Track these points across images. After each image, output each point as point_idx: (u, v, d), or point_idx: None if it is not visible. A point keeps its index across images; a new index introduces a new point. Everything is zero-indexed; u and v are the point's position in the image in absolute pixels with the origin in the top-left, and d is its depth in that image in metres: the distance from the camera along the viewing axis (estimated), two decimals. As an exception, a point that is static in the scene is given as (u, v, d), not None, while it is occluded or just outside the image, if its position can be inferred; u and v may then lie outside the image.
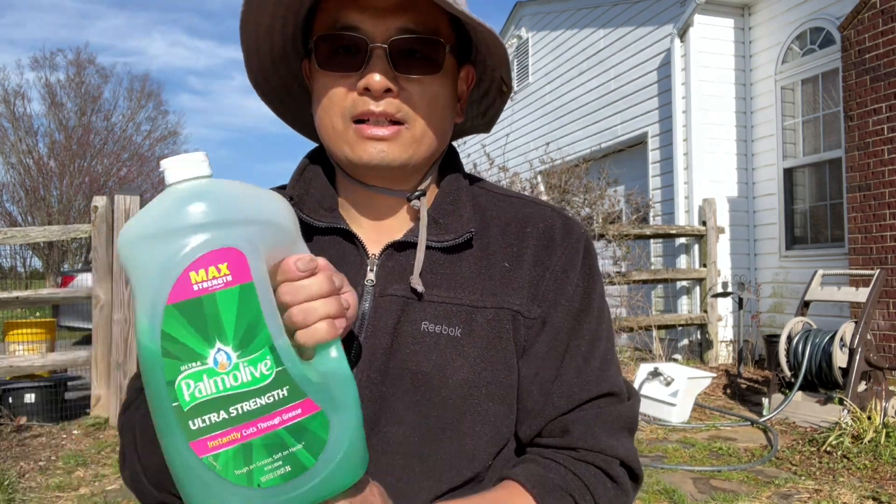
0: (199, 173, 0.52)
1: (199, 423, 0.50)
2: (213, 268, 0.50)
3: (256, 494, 0.52)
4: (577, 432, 0.76)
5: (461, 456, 0.75)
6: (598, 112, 8.32)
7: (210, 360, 0.50)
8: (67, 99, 22.41)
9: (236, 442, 0.51)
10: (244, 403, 0.51)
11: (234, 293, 0.50)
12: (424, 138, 0.75)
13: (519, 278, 0.79)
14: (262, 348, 0.51)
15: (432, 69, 0.74)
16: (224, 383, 0.50)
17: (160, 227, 0.50)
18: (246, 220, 0.52)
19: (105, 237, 4.54)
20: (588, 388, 0.78)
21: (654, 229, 6.63)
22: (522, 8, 10.28)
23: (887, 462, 3.44)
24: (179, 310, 0.49)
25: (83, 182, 21.71)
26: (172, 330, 0.49)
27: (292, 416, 0.52)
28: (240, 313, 0.50)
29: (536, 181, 7.55)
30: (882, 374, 4.13)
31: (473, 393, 0.75)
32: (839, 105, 5.82)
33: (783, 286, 6.48)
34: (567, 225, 0.83)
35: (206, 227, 0.50)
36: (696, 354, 6.88)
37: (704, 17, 6.75)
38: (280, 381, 0.52)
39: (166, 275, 0.49)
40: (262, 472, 0.51)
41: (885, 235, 5.11)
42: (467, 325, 0.76)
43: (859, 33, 5.27)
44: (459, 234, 0.78)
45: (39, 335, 6.08)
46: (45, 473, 3.63)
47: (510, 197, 0.87)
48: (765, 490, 3.18)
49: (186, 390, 0.49)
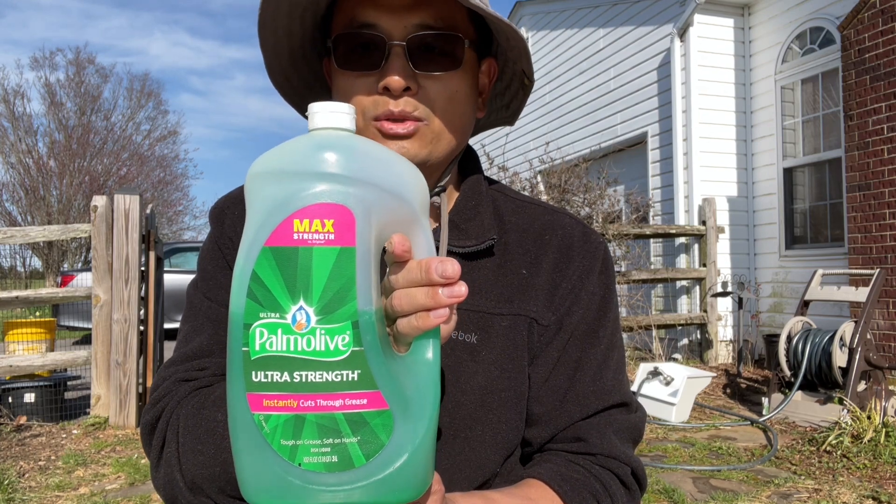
0: (341, 125, 0.51)
1: (260, 377, 0.47)
2: (318, 221, 0.47)
3: (295, 472, 0.48)
4: (593, 439, 0.76)
5: (472, 463, 0.75)
6: (597, 112, 8.32)
7: (289, 316, 0.47)
8: (67, 98, 22.42)
9: (290, 410, 0.47)
10: (310, 373, 0.47)
11: (332, 254, 0.47)
12: (444, 134, 0.75)
13: (536, 286, 0.79)
14: (344, 321, 0.47)
15: (452, 65, 0.73)
16: (296, 344, 0.47)
17: (282, 167, 0.49)
18: (369, 183, 0.49)
19: (105, 237, 4.54)
20: (603, 398, 0.78)
21: (654, 229, 6.63)
22: (522, 7, 10.28)
23: (887, 461, 3.44)
24: (274, 254, 0.47)
25: (83, 182, 21.71)
26: (263, 273, 0.47)
27: (355, 405, 0.48)
28: (332, 276, 0.47)
29: (536, 181, 7.55)
30: (882, 374, 4.13)
31: (487, 400, 0.75)
32: (839, 105, 5.82)
33: (783, 286, 6.48)
34: (585, 234, 0.83)
35: (325, 178, 0.48)
36: (695, 354, 6.88)
37: (704, 17, 6.75)
38: (354, 362, 0.48)
39: (272, 215, 0.48)
40: (307, 451, 0.48)
41: (885, 235, 5.11)
42: (484, 332, 0.76)
43: (859, 33, 5.27)
44: (481, 240, 0.78)
45: (39, 335, 6.08)
46: (45, 473, 3.63)
47: (530, 203, 0.86)
48: (764, 489, 3.19)
49: (259, 339, 0.47)
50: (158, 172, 25.24)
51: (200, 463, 0.67)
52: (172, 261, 10.21)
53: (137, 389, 4.52)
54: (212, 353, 0.76)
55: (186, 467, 0.68)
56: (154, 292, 4.79)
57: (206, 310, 0.79)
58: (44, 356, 4.68)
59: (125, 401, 4.49)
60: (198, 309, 0.80)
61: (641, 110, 7.53)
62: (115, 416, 4.47)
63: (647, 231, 6.52)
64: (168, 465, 0.69)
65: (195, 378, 0.74)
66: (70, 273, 11.13)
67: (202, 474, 0.67)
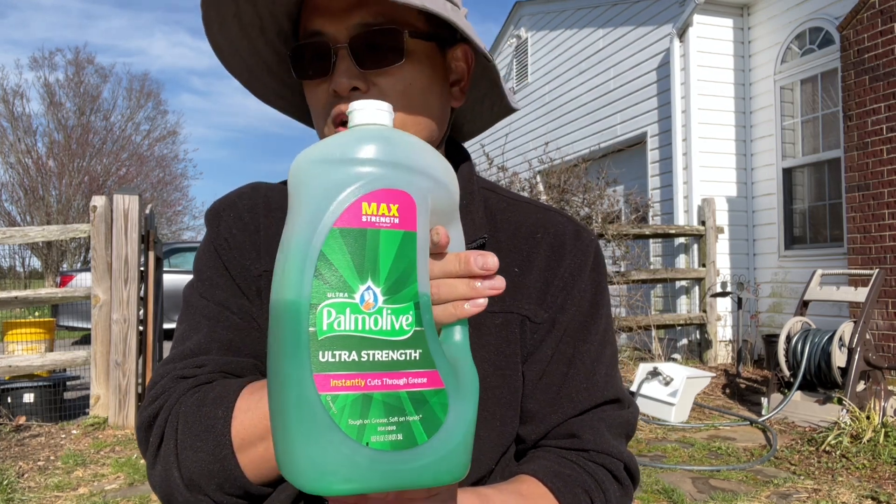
0: (383, 121, 0.53)
1: (328, 357, 0.48)
2: (384, 205, 0.49)
3: (363, 452, 0.49)
4: (586, 435, 0.77)
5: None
6: (597, 112, 8.32)
7: (357, 296, 0.48)
8: (66, 98, 22.41)
9: (359, 389, 0.48)
10: (377, 352, 0.48)
11: (398, 237, 0.49)
12: (406, 129, 0.73)
13: (528, 283, 0.79)
14: (408, 301, 0.50)
15: (394, 59, 0.72)
16: (365, 324, 0.48)
17: (344, 155, 0.50)
18: (423, 173, 0.52)
19: (104, 237, 4.54)
20: (596, 395, 0.79)
21: (654, 229, 6.63)
22: (522, 8, 10.28)
23: (886, 462, 3.44)
24: (343, 235, 0.48)
25: (82, 182, 21.70)
26: (331, 253, 0.48)
27: (418, 383, 0.50)
28: (397, 258, 0.49)
29: (535, 181, 7.55)
30: (881, 374, 4.14)
31: (482, 397, 0.74)
32: (838, 105, 5.83)
33: (782, 286, 6.48)
34: (577, 231, 0.83)
35: (386, 165, 0.50)
36: (695, 354, 6.88)
37: (704, 17, 6.76)
38: (416, 341, 0.50)
39: (340, 198, 0.49)
40: (374, 430, 0.48)
41: (884, 235, 5.11)
42: (477, 330, 0.76)
43: (858, 33, 5.27)
44: (471, 238, 0.77)
45: (38, 335, 6.08)
46: (44, 473, 3.63)
47: (521, 202, 0.86)
48: (764, 489, 3.19)
49: (326, 318, 0.48)
50: (158, 172, 25.25)
51: (199, 460, 0.66)
52: (172, 261, 10.21)
53: (137, 390, 4.52)
54: (209, 351, 0.76)
55: (185, 464, 0.67)
56: (153, 292, 4.79)
57: (202, 308, 0.79)
58: (43, 356, 4.67)
59: (124, 401, 4.48)
60: (194, 308, 0.80)
61: (641, 110, 7.53)
62: (115, 417, 4.47)
63: (646, 231, 6.52)
64: (165, 462, 0.69)
65: (193, 375, 0.74)
66: (69, 273, 11.12)
67: (201, 471, 0.66)
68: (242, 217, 0.84)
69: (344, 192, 0.49)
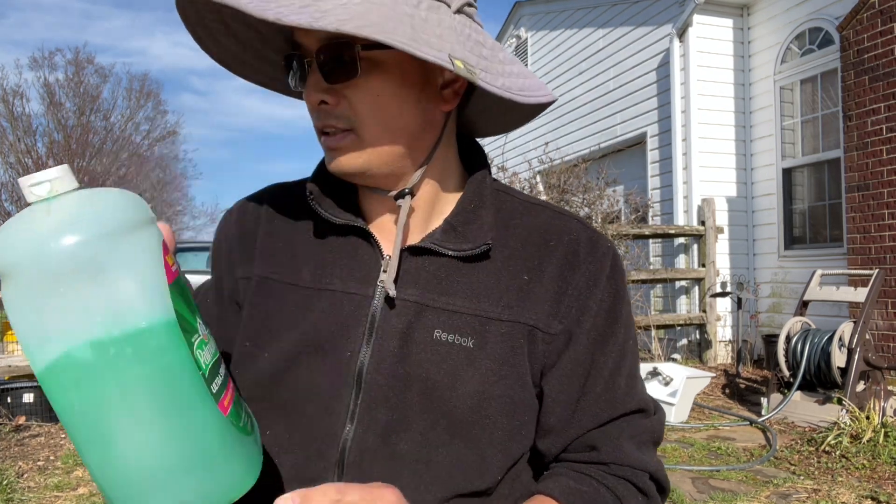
0: (77, 184, 0.53)
1: (214, 387, 0.56)
2: (169, 255, 0.55)
3: (254, 440, 0.61)
4: (605, 448, 0.76)
5: (469, 465, 0.74)
6: (597, 112, 8.32)
7: (201, 331, 0.57)
8: (66, 98, 22.37)
9: (233, 397, 0.59)
10: (221, 367, 0.59)
11: (182, 278, 0.57)
12: (380, 140, 0.72)
13: (538, 292, 0.77)
14: (207, 333, 0.59)
15: (351, 72, 0.70)
16: (211, 349, 0.58)
17: (123, 222, 0.51)
18: (152, 219, 0.56)
19: (104, 237, 4.54)
20: (615, 406, 0.78)
21: (653, 229, 6.63)
22: (521, 8, 10.28)
23: (885, 462, 3.44)
24: (174, 289, 0.54)
25: (82, 181, 21.64)
26: (178, 307, 0.54)
27: (233, 387, 0.61)
28: (187, 295, 0.57)
29: (535, 181, 7.55)
30: (880, 374, 4.14)
31: (483, 405, 0.74)
32: (838, 105, 5.83)
33: (782, 286, 6.48)
34: (592, 240, 0.80)
35: (148, 222, 0.54)
36: (694, 354, 6.88)
37: (703, 17, 6.75)
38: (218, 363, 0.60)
39: (155, 260, 0.53)
40: (248, 421, 0.61)
41: (884, 235, 5.11)
42: (480, 337, 0.75)
43: (858, 33, 5.27)
44: (477, 244, 0.76)
45: (38, 335, 6.08)
46: (44, 473, 3.63)
47: (536, 205, 0.84)
48: (763, 490, 3.19)
49: (201, 358, 0.55)
50: (157, 172, 25.24)
51: None
52: (171, 261, 10.19)
53: (136, 389, 4.52)
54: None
55: None
56: (153, 292, 4.79)
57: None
58: (43, 356, 4.67)
59: (124, 401, 4.49)
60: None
61: (641, 111, 7.53)
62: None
63: (646, 231, 6.52)
64: None
65: None
66: (69, 273, 11.10)
67: None
68: (245, 220, 0.87)
69: (154, 253, 0.53)
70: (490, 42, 0.75)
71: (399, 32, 0.64)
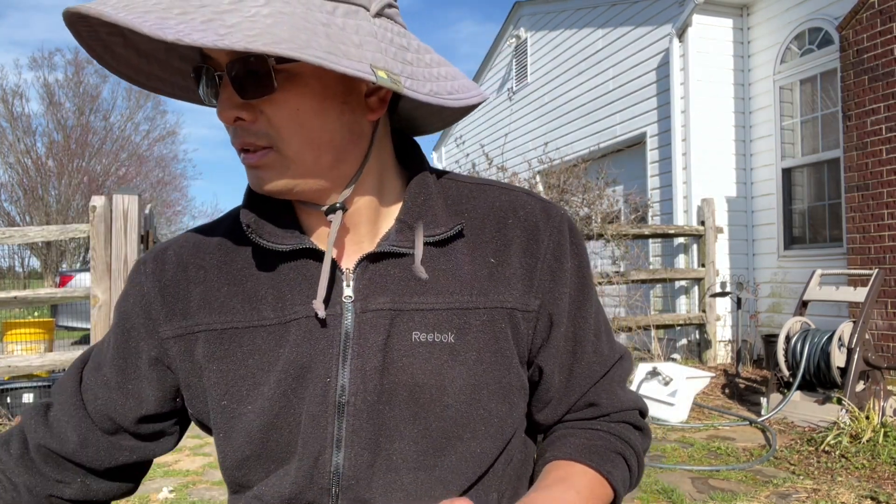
0: None
1: None
2: None
3: None
4: (603, 401, 0.80)
5: (468, 461, 0.74)
6: (596, 112, 8.32)
7: None
8: (66, 98, 22.38)
9: None
10: None
11: None
12: (303, 155, 0.68)
13: (508, 273, 0.76)
14: None
15: (267, 88, 0.65)
16: None
17: None
18: None
19: (103, 237, 4.53)
20: (605, 362, 0.82)
21: (653, 229, 6.63)
22: (521, 8, 10.28)
23: (885, 462, 3.44)
24: None
25: (81, 182, 21.68)
26: None
27: None
28: None
29: (535, 181, 7.55)
30: (880, 374, 4.14)
31: (475, 397, 0.73)
32: (837, 105, 5.83)
33: (781, 286, 6.48)
34: (546, 209, 0.81)
35: None
36: (694, 354, 6.88)
37: (703, 17, 6.75)
38: None
39: None
40: None
41: (884, 235, 5.11)
42: (460, 330, 0.74)
43: (857, 33, 5.27)
44: (439, 231, 0.75)
45: (38, 335, 6.08)
46: (44, 473, 3.62)
47: (483, 185, 0.82)
48: (763, 489, 3.19)
49: None
50: (157, 172, 25.25)
51: None
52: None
53: (136, 390, 4.51)
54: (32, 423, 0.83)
55: None
56: (153, 292, 4.78)
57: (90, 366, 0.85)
58: (42, 356, 4.67)
59: (124, 401, 4.48)
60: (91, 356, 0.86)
61: (640, 111, 7.53)
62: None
63: (645, 231, 6.52)
64: None
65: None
66: (68, 273, 11.11)
67: None
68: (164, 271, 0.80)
69: None
70: (415, 44, 0.72)
71: (314, 45, 0.59)
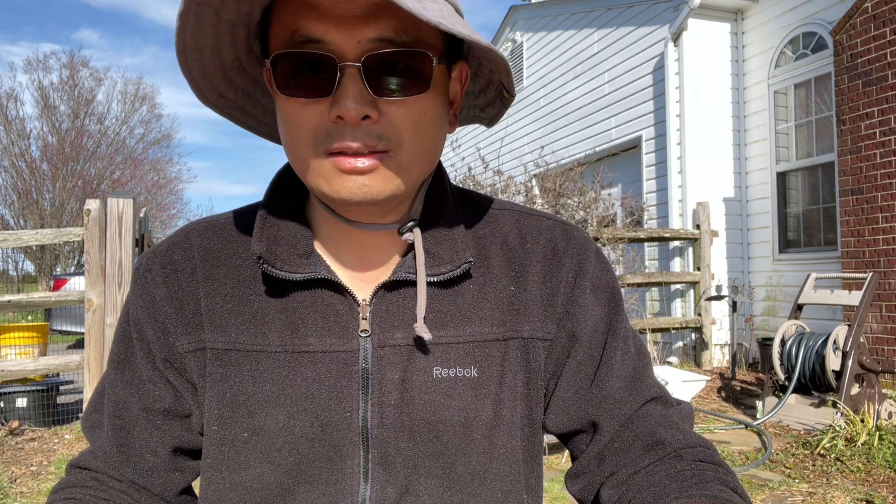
0: None
1: None
2: None
3: None
4: (670, 436, 0.71)
5: (492, 496, 0.71)
6: (592, 115, 8.34)
7: None
8: (60, 102, 22.32)
9: None
10: None
11: None
12: (413, 165, 0.64)
13: (528, 301, 0.73)
14: None
15: (419, 87, 0.61)
16: None
17: None
18: None
19: (98, 240, 4.52)
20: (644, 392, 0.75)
21: (649, 233, 6.64)
22: (517, 11, 10.31)
23: (880, 465, 3.45)
24: None
25: (76, 185, 21.61)
26: None
27: None
28: None
29: (531, 184, 7.56)
30: (875, 377, 4.15)
31: (495, 433, 0.71)
32: (832, 109, 5.85)
33: (776, 289, 6.50)
34: (566, 231, 0.77)
35: None
36: (690, 357, 6.89)
37: (698, 22, 6.78)
38: None
39: None
40: None
41: (878, 239, 5.13)
42: (483, 362, 0.70)
43: (851, 38, 5.30)
44: (457, 264, 0.70)
45: (31, 339, 6.04)
46: (37, 478, 3.60)
47: (502, 209, 0.78)
48: (759, 493, 3.19)
49: None
50: (152, 176, 25.16)
51: None
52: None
53: (130, 394, 4.49)
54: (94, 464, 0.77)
55: None
56: (147, 296, 4.76)
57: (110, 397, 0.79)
58: (36, 360, 4.65)
59: (118, 405, 4.46)
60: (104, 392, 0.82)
61: (636, 114, 7.55)
62: (108, 421, 4.44)
63: (641, 235, 6.53)
64: None
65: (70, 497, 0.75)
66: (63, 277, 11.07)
67: None
68: (177, 279, 0.73)
69: None
70: None
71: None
